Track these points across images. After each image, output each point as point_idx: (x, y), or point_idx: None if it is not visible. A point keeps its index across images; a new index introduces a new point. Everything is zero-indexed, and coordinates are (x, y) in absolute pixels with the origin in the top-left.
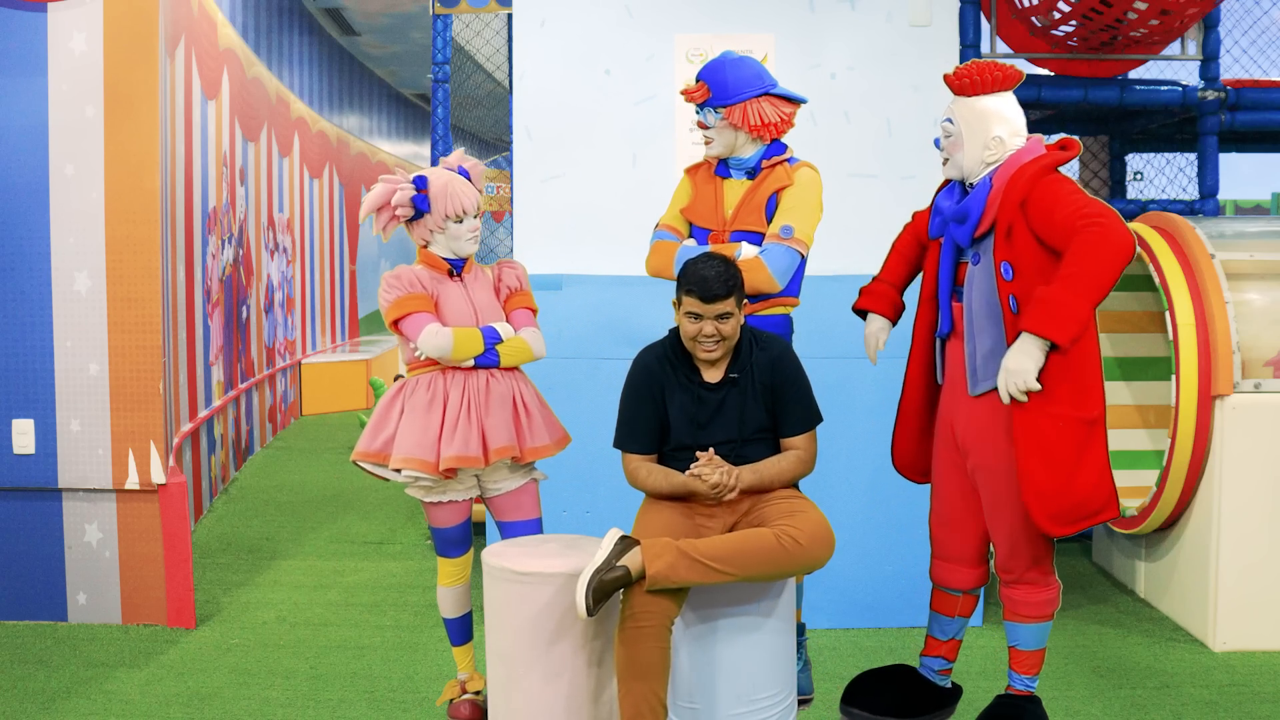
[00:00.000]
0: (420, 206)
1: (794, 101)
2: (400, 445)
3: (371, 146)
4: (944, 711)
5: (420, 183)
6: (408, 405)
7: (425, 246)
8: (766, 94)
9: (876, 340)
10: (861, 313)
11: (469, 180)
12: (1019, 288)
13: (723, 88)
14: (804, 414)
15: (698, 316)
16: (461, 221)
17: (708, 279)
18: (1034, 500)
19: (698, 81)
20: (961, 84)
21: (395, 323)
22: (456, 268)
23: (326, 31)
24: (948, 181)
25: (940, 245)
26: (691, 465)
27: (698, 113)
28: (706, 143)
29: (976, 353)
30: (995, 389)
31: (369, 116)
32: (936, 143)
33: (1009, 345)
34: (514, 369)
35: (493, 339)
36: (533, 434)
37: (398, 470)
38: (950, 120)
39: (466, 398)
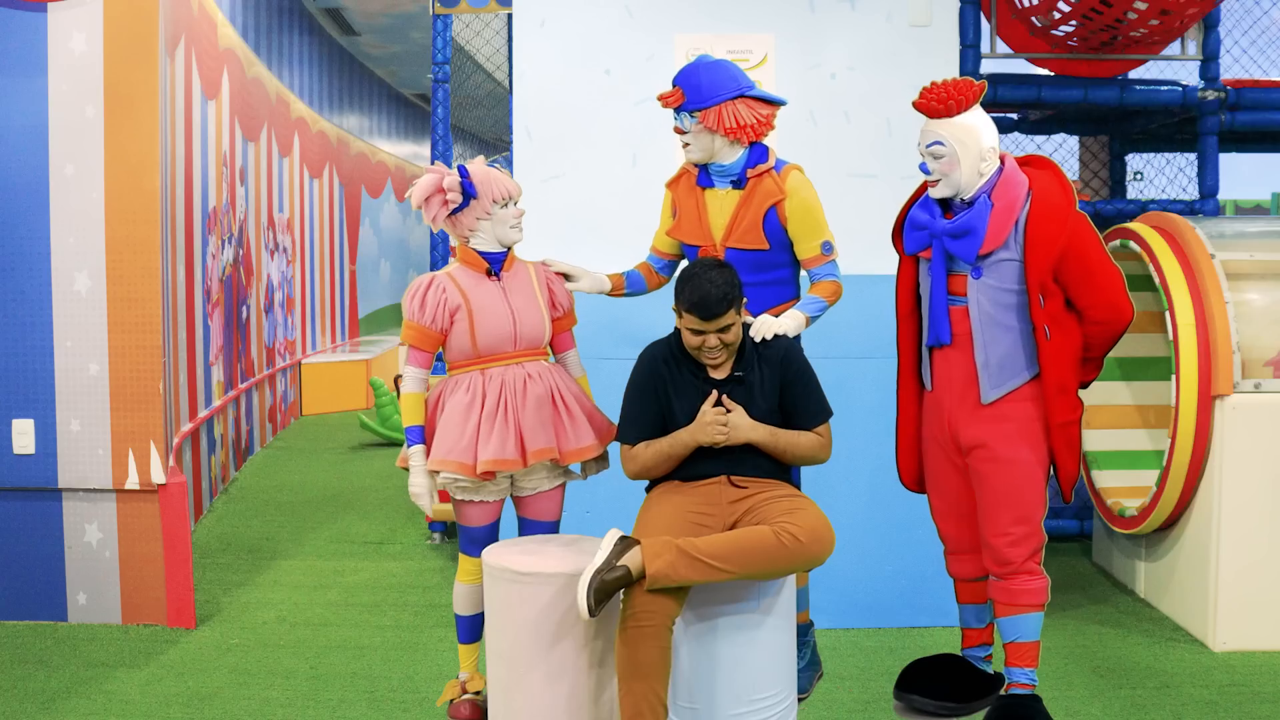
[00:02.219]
0: (469, 191)
1: (772, 103)
2: (438, 446)
3: (371, 146)
4: (993, 697)
5: (463, 171)
6: (448, 405)
7: (466, 242)
8: (742, 96)
9: None
10: None
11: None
12: (1048, 312)
13: (697, 91)
14: (816, 407)
15: (699, 332)
16: (507, 206)
17: (708, 300)
18: (1066, 481)
19: (673, 86)
20: (947, 106)
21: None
22: (495, 265)
23: (326, 31)
24: (917, 195)
25: (916, 259)
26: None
27: (675, 117)
28: (685, 147)
29: (990, 362)
30: (1007, 394)
31: (369, 116)
32: (923, 168)
33: (1041, 367)
34: (553, 366)
35: (412, 441)
36: (575, 434)
37: (435, 472)
38: (940, 143)
39: (503, 398)
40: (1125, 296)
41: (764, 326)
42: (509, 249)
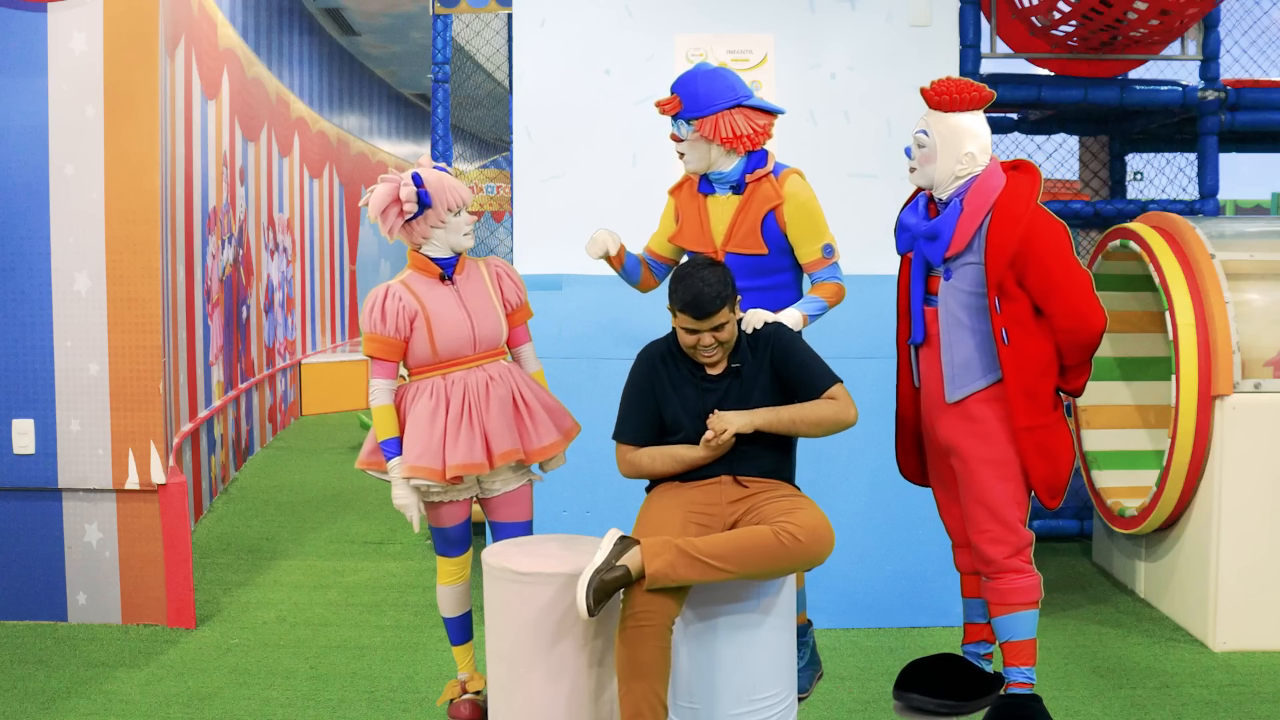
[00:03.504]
0: (424, 201)
1: (769, 112)
2: (406, 455)
3: (371, 146)
4: (991, 696)
5: (416, 179)
6: (412, 411)
7: (418, 249)
8: (739, 105)
9: None
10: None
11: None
12: (1007, 316)
13: (694, 99)
14: (818, 374)
15: (693, 330)
16: (459, 214)
17: (701, 299)
18: (1040, 486)
19: (671, 94)
20: (941, 100)
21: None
22: (448, 269)
23: (326, 31)
24: (913, 197)
25: (909, 259)
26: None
27: (672, 125)
28: (680, 156)
29: (954, 362)
30: (971, 394)
31: (369, 116)
32: (908, 151)
33: (1002, 370)
34: (511, 365)
35: (390, 454)
36: (537, 433)
37: (407, 479)
38: (925, 133)
39: (467, 402)
40: (1091, 304)
41: (755, 317)
42: (460, 253)
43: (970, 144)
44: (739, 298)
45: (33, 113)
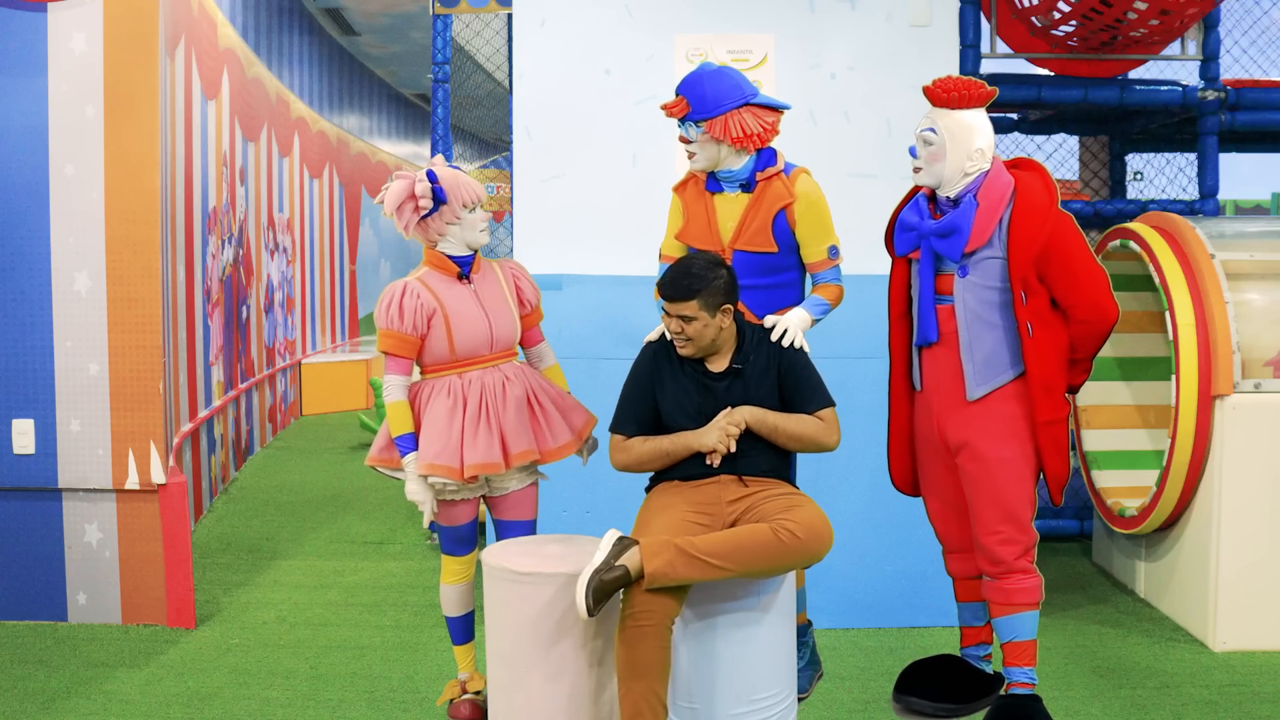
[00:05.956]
0: (440, 197)
1: (776, 109)
2: (424, 452)
3: (371, 146)
4: (992, 697)
5: (431, 175)
6: (429, 409)
7: (434, 246)
8: (747, 104)
9: None
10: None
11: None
12: (1030, 310)
13: (702, 101)
14: (813, 391)
15: (665, 313)
16: (474, 210)
17: (671, 280)
18: (1053, 481)
19: (677, 96)
20: (950, 96)
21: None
22: (465, 268)
23: (326, 31)
24: (907, 199)
25: (908, 261)
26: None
27: (680, 127)
28: (690, 157)
29: (975, 358)
30: (995, 390)
31: (369, 116)
32: (912, 151)
33: (1025, 364)
34: (524, 365)
35: (405, 450)
36: (552, 434)
37: (424, 476)
38: (933, 130)
39: (484, 401)
40: (1109, 297)
41: (778, 326)
42: (476, 252)
43: (979, 140)
44: (728, 307)
45: (33, 113)
